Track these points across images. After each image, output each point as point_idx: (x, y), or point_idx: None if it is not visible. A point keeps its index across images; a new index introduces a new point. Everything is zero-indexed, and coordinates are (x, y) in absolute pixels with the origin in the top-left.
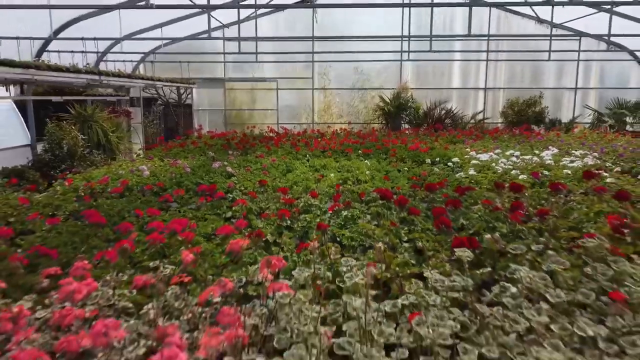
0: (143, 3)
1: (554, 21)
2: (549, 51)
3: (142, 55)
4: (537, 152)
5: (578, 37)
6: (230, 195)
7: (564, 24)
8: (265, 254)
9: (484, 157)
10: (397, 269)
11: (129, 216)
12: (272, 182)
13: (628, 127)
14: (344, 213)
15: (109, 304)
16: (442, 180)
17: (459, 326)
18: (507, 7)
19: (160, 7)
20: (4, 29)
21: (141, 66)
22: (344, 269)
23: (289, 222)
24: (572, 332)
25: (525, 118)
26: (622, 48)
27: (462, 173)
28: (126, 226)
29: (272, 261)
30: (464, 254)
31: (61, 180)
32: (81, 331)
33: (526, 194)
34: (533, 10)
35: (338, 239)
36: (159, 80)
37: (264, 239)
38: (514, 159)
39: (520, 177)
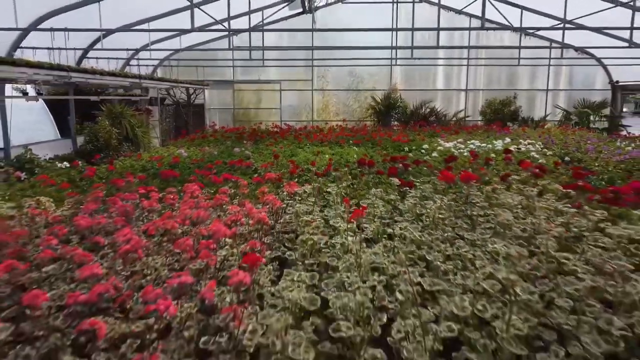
0: (189, 27)
1: (527, 30)
2: (519, 58)
3: (159, 60)
4: (494, 141)
5: (549, 44)
6: (254, 166)
7: (536, 33)
8: None
9: (449, 145)
10: (361, 197)
11: (188, 177)
12: (282, 160)
13: (591, 124)
14: (334, 174)
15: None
16: (405, 156)
17: (388, 214)
18: (487, 19)
19: (202, 30)
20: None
21: (158, 69)
22: (329, 188)
23: (296, 177)
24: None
25: (502, 116)
26: (591, 55)
27: (427, 156)
28: (192, 178)
29: (291, 183)
30: (395, 180)
31: (120, 160)
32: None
33: (459, 163)
34: (507, 21)
35: (329, 189)
36: (181, 82)
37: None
38: (471, 146)
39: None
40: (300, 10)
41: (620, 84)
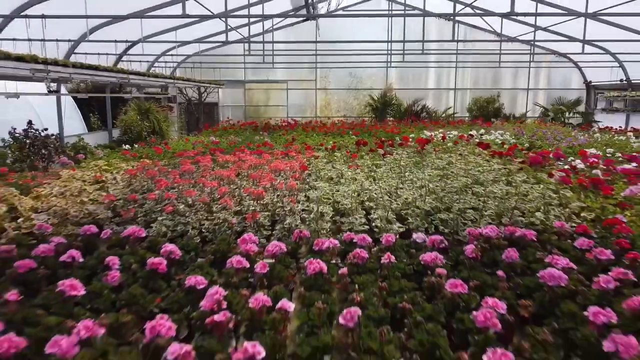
0: (223, 40)
1: (509, 35)
2: (499, 61)
3: (177, 63)
4: (470, 132)
5: (529, 48)
6: (275, 147)
7: (517, 37)
8: None
9: (431, 134)
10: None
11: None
12: (296, 143)
13: (566, 120)
14: (337, 152)
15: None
16: (391, 140)
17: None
18: (472, 25)
19: (228, 42)
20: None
21: (177, 70)
22: (335, 157)
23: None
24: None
25: (486, 113)
26: (568, 59)
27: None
28: (239, 149)
29: (309, 152)
30: (381, 150)
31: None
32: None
33: (433, 143)
34: (491, 27)
35: (335, 157)
36: (203, 82)
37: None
38: (450, 135)
39: (448, 143)
40: (305, 17)
41: (593, 83)
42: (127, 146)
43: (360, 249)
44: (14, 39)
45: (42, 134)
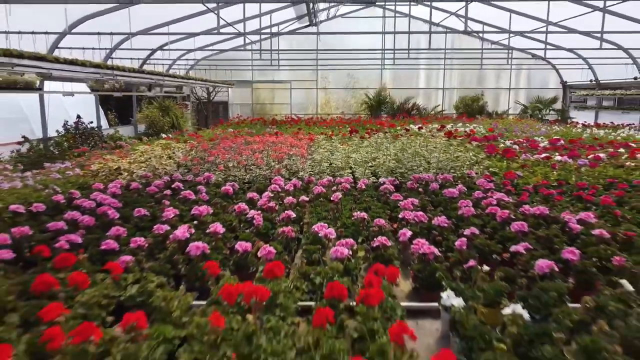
0: (238, 45)
1: (492, 40)
2: (481, 64)
3: (190, 65)
4: (447, 125)
5: (508, 51)
6: (284, 135)
7: (500, 42)
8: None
9: (415, 127)
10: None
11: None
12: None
13: (543, 117)
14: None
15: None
16: (377, 130)
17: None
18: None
19: (244, 48)
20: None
21: (190, 71)
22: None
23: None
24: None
25: (471, 110)
26: (547, 61)
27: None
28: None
29: (312, 136)
30: (367, 135)
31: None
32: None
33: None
34: (475, 32)
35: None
36: (217, 82)
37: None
38: (430, 127)
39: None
40: (307, 23)
41: (568, 83)
42: (164, 135)
43: (344, 184)
44: (70, 47)
45: (88, 127)
